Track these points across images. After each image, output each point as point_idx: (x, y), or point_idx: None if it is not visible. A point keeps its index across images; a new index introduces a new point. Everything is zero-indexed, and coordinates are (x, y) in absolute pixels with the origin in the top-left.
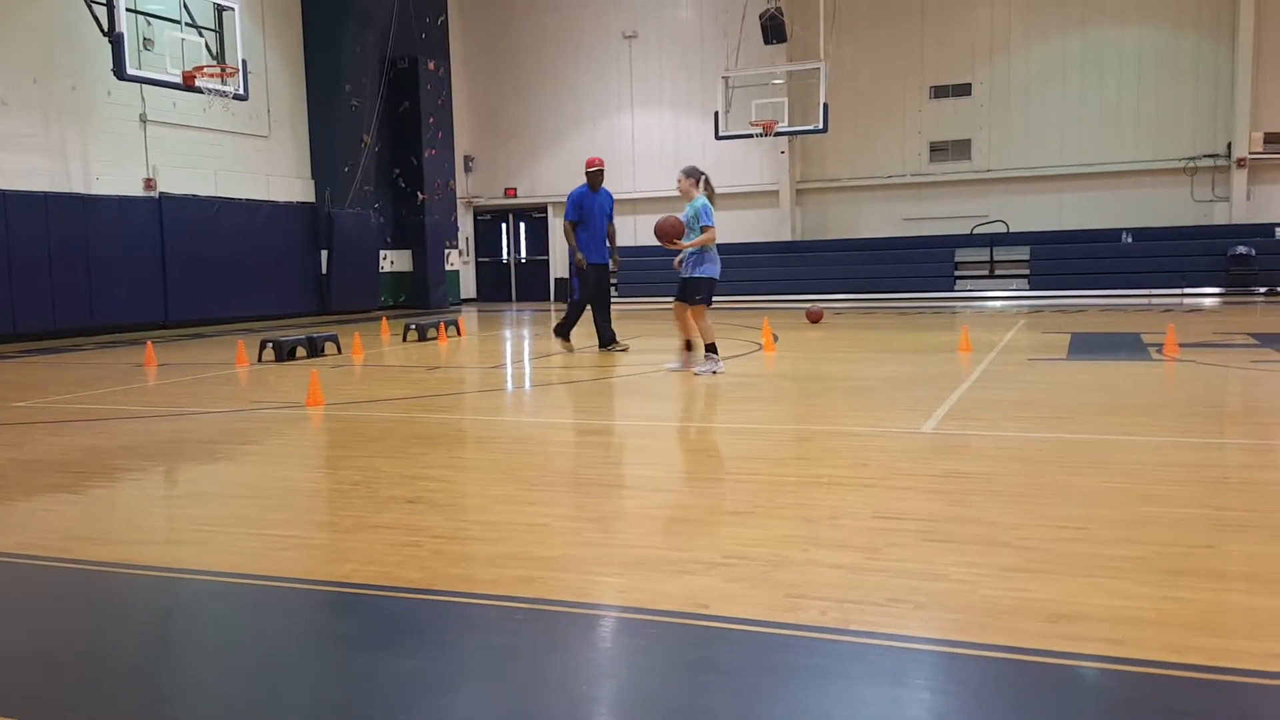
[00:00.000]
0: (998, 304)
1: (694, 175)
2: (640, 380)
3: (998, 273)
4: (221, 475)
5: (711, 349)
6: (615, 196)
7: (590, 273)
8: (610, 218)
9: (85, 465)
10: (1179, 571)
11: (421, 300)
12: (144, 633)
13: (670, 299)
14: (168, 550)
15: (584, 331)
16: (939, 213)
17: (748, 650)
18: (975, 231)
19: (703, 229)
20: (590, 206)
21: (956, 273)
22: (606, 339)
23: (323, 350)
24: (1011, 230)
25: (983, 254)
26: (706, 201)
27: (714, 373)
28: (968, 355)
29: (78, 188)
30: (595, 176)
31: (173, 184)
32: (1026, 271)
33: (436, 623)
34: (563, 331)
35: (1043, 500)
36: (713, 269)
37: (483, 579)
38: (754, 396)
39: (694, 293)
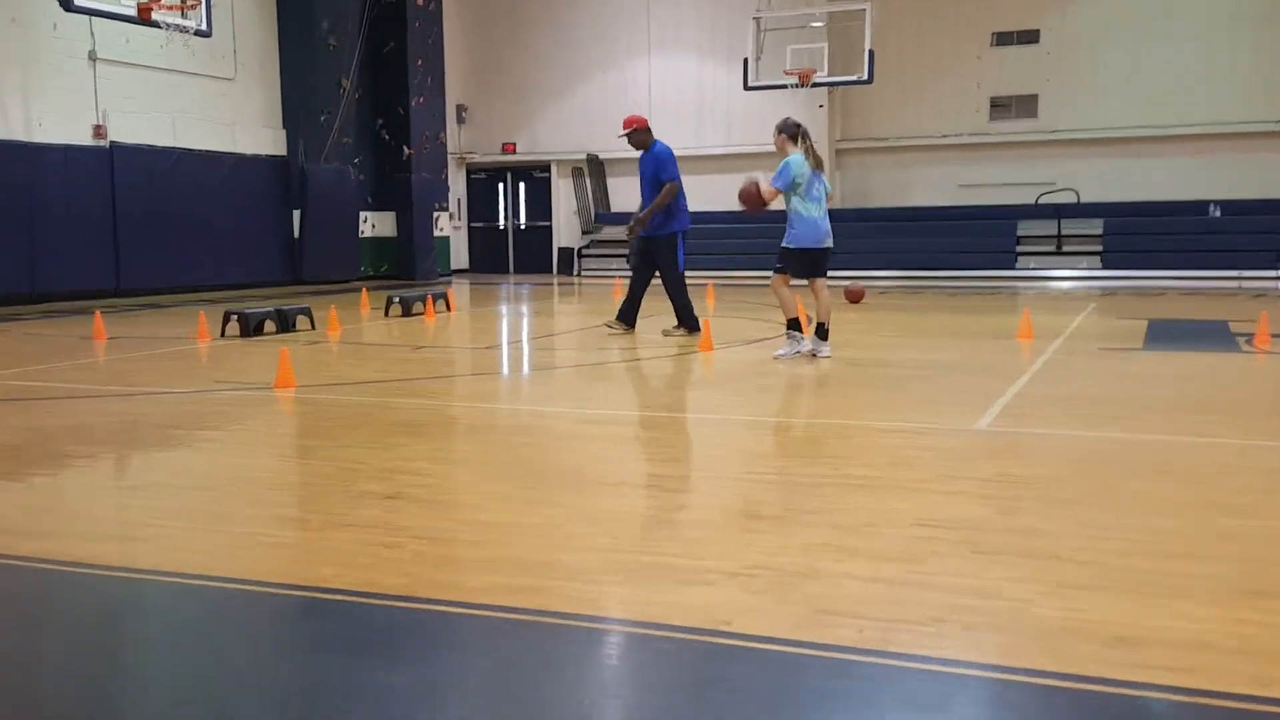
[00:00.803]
0: (1065, 285)
1: (784, 129)
2: (656, 364)
3: (1065, 249)
4: (179, 464)
5: (793, 325)
6: (626, 154)
7: (635, 245)
8: (658, 180)
9: (27, 449)
10: (1258, 592)
11: (406, 270)
12: (91, 639)
13: (696, 273)
14: (118, 547)
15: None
16: (999, 179)
17: (771, 671)
18: (1041, 201)
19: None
20: (641, 172)
21: (1018, 248)
22: (622, 313)
23: (294, 325)
24: (1082, 200)
25: (1049, 227)
26: (788, 160)
27: (797, 353)
28: (1029, 343)
29: (17, 135)
30: (631, 139)
31: (125, 132)
32: (1099, 248)
33: (418, 634)
34: (684, 321)
35: (1107, 509)
36: (800, 236)
37: (472, 586)
38: (782, 385)
39: (777, 260)
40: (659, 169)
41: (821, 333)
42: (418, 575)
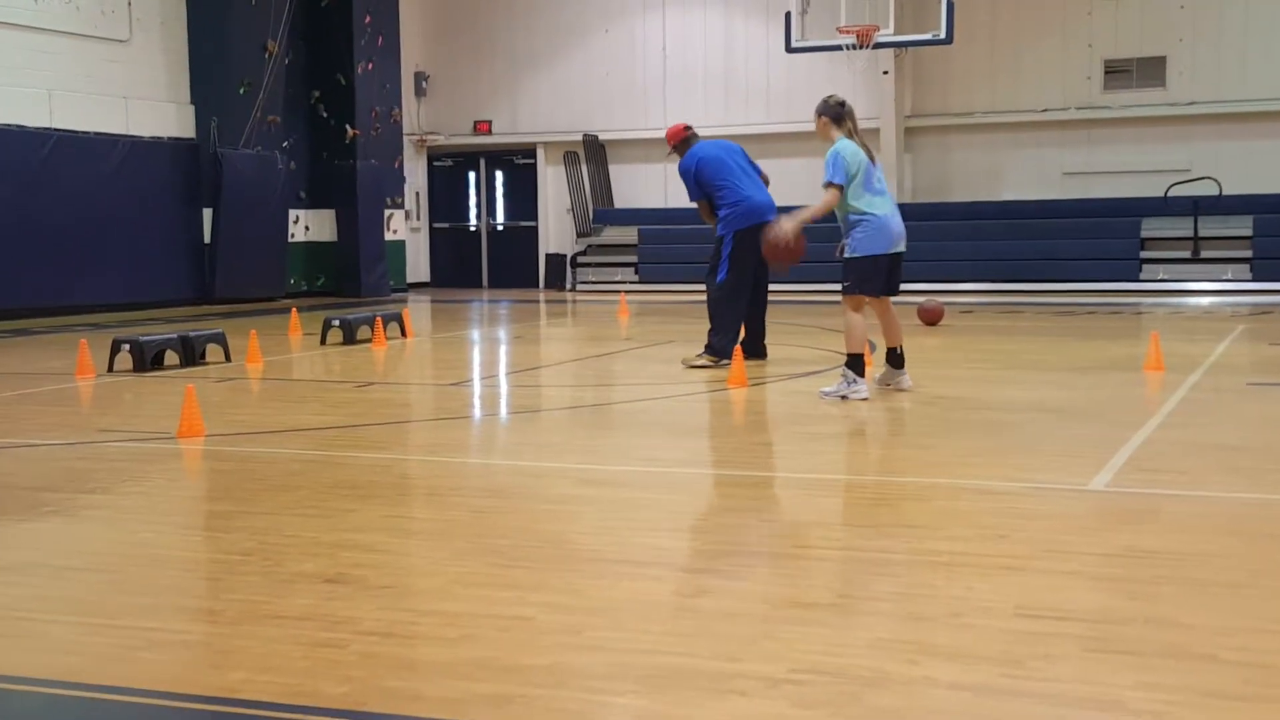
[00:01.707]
0: (1204, 301)
1: (824, 111)
2: (673, 405)
3: (1205, 254)
4: (53, 538)
5: (853, 363)
6: (633, 134)
7: None
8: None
9: None
10: None
11: (349, 284)
12: None
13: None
14: None
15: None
16: (1117, 165)
17: None
18: (1172, 194)
19: (824, 185)
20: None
21: (1143, 254)
22: (744, 344)
23: (203, 356)
24: (1226, 193)
25: (1183, 226)
26: (836, 148)
27: (843, 397)
28: (1158, 376)
29: None
30: (678, 153)
31: None
32: (1247, 253)
33: None
34: (713, 346)
35: (1267, 593)
36: (871, 239)
37: (436, 696)
38: (838, 432)
39: (842, 278)
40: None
41: (897, 359)
42: (365, 682)
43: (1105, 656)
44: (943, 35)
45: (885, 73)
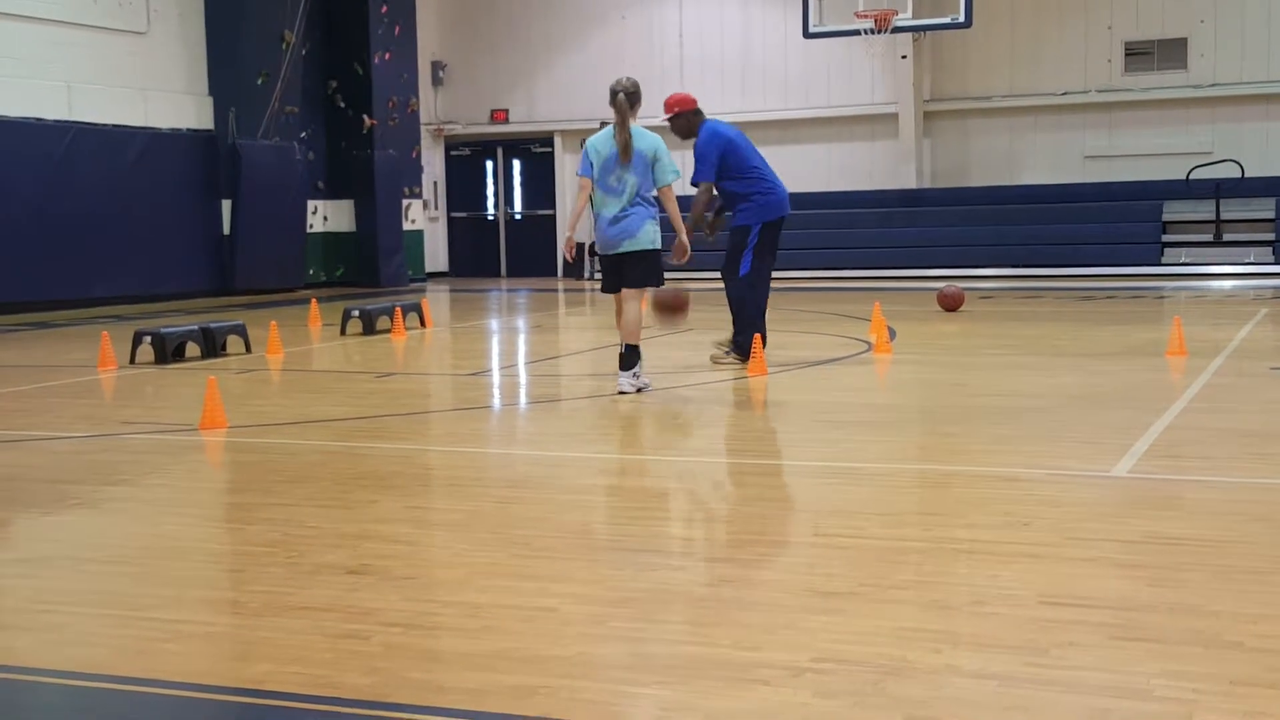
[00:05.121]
0: (1227, 284)
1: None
2: (692, 395)
3: (1227, 237)
4: (76, 531)
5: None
6: (651, 122)
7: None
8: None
9: None
10: None
11: (368, 275)
12: None
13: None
14: None
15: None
16: (1138, 148)
17: None
18: (1194, 177)
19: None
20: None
21: (1165, 237)
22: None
23: (224, 347)
24: (1248, 175)
25: (1204, 210)
26: (589, 140)
27: (638, 390)
28: (1181, 361)
29: None
30: (673, 126)
31: (6, 103)
32: (1270, 236)
33: None
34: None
35: None
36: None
37: (459, 688)
38: (859, 420)
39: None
40: (696, 164)
41: (622, 359)
42: (389, 673)
43: (1130, 644)
44: (962, 19)
45: (904, 57)
